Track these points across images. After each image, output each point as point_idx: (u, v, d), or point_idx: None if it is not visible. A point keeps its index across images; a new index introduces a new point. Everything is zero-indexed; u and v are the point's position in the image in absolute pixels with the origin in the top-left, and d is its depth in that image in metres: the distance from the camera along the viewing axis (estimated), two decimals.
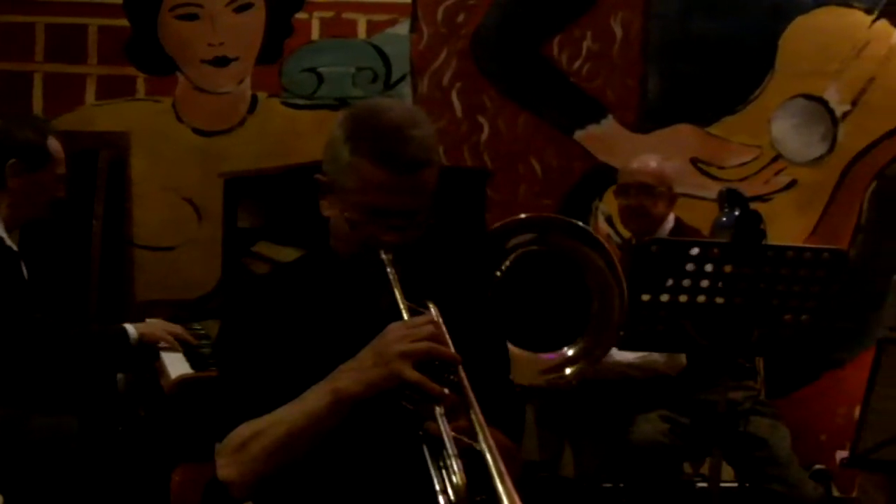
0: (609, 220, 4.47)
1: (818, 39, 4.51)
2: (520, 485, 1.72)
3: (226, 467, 1.83)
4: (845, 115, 4.53)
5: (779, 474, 3.41)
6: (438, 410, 1.68)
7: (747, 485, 3.73)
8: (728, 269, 2.69)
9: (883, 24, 4.52)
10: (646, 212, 3.62)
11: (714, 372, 3.17)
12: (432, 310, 1.83)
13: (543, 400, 4.39)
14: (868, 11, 4.52)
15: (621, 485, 4.06)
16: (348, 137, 1.87)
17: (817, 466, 4.26)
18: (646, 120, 4.49)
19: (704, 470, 3.94)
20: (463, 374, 1.74)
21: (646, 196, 3.62)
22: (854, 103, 4.54)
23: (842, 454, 3.73)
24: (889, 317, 1.63)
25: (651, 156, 3.77)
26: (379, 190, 1.84)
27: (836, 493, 4.14)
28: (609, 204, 4.46)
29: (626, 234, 4.04)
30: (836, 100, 4.53)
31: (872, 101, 4.52)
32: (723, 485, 3.53)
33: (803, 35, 4.51)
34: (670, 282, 2.65)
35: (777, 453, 3.45)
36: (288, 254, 3.12)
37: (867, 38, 4.53)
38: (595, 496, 4.27)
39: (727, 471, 3.73)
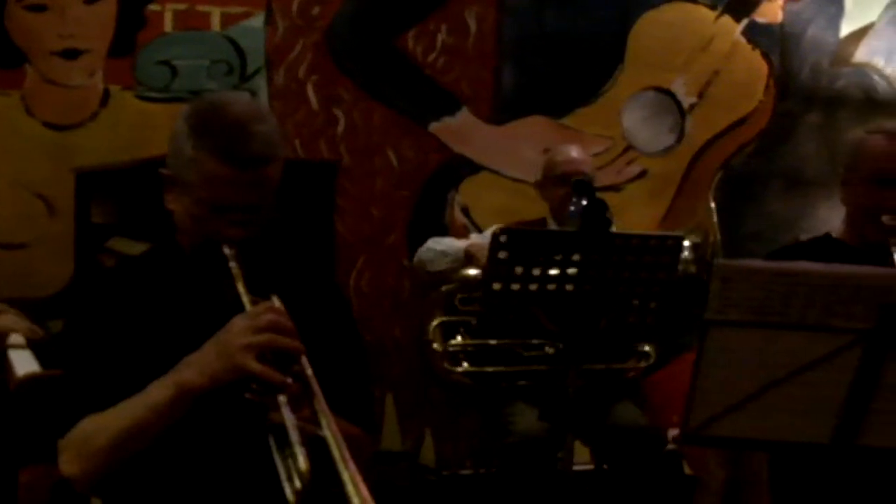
0: (465, 211, 4.53)
1: (665, 34, 4.64)
2: (368, 471, 1.76)
3: (69, 462, 1.82)
4: (692, 107, 4.68)
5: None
6: (282, 400, 1.71)
7: (605, 466, 3.86)
8: (576, 257, 2.74)
9: (726, 19, 4.68)
10: None
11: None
12: (276, 301, 1.85)
13: (404, 389, 4.45)
14: (712, 7, 4.68)
15: (481, 471, 4.14)
16: (191, 132, 1.87)
17: (670, 446, 4.39)
18: (500, 112, 4.56)
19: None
20: (307, 364, 1.76)
21: None
22: (700, 96, 4.68)
23: (673, 432, 3.86)
24: (713, 299, 1.71)
25: (570, 146, 3.89)
26: (222, 185, 1.85)
27: (688, 470, 4.26)
28: (464, 194, 4.53)
29: (483, 224, 4.12)
30: (684, 92, 4.67)
31: (717, 94, 4.68)
32: (580, 468, 3.67)
33: (651, 30, 4.63)
34: (520, 270, 2.70)
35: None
36: (142, 249, 3.08)
37: (712, 33, 4.69)
38: (455, 484, 4.35)
39: (584, 453, 3.84)
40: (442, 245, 3.73)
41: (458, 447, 4.55)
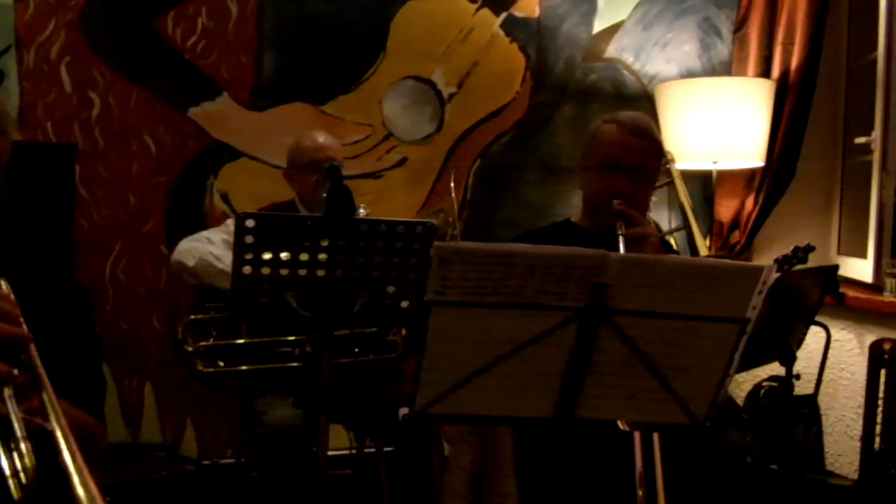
0: (224, 198, 4.48)
1: (427, 24, 4.71)
2: (103, 462, 1.74)
3: None
4: (452, 96, 4.77)
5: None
6: (6, 392, 1.66)
7: (365, 450, 3.90)
8: (325, 242, 2.74)
9: (485, 12, 4.79)
10: None
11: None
12: (3, 286, 1.79)
13: (163, 380, 4.37)
14: (472, 0, 4.79)
15: (242, 460, 4.13)
16: None
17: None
18: (260, 98, 4.53)
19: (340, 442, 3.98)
20: (34, 353, 1.71)
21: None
22: (460, 86, 4.78)
23: (403, 411, 3.94)
24: (432, 280, 1.77)
25: (317, 132, 3.88)
26: None
27: (447, 451, 4.35)
28: (223, 181, 4.49)
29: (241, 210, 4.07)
30: (444, 82, 4.75)
31: (476, 85, 4.78)
32: (337, 452, 3.69)
33: (413, 19, 4.69)
34: (268, 255, 2.69)
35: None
36: None
37: (472, 24, 4.79)
38: (215, 473, 4.31)
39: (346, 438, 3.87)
40: (213, 259, 3.65)
41: (219, 436, 4.52)
